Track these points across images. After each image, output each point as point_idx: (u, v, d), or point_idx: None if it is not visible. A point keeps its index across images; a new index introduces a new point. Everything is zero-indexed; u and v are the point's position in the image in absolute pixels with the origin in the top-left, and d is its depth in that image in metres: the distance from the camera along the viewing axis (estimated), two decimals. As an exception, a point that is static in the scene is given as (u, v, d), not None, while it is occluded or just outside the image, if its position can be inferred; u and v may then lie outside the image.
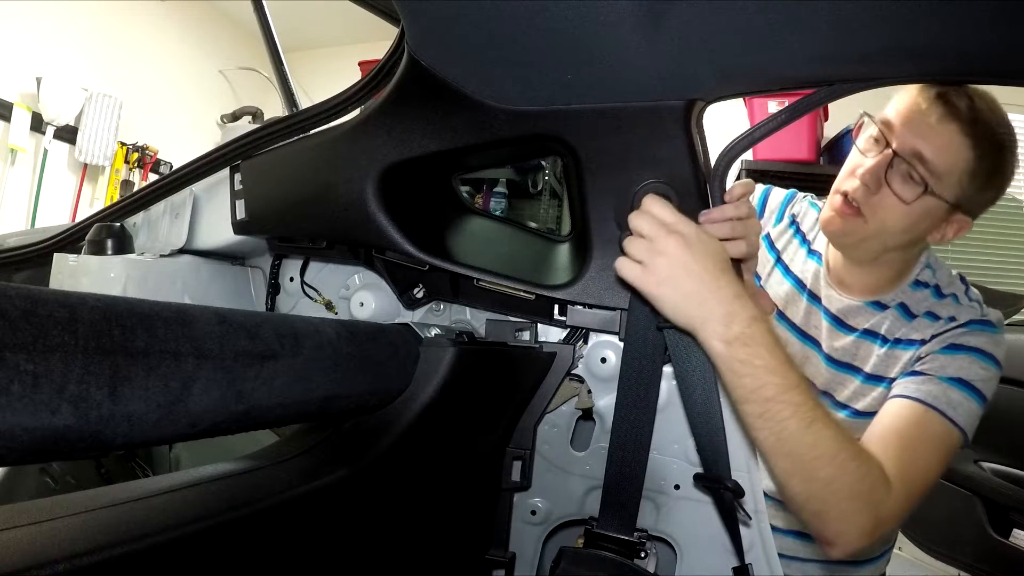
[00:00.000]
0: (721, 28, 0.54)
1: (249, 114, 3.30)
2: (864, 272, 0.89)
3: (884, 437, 0.71)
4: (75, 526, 0.34)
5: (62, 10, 2.97)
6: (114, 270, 0.82)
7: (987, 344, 0.78)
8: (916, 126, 0.77)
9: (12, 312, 0.28)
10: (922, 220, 0.80)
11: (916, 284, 0.87)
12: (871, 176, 0.79)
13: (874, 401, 0.85)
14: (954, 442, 0.73)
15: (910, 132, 0.77)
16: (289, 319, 0.48)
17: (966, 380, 0.75)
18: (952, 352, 0.78)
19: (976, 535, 1.47)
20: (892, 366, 0.84)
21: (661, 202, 0.61)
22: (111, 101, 3.14)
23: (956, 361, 0.77)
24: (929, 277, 0.87)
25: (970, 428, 0.74)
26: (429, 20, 0.61)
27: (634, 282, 0.60)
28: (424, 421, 0.58)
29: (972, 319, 0.81)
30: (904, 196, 0.78)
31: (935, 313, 0.83)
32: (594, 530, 0.67)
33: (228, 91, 3.94)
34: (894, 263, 0.87)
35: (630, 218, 0.62)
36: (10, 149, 2.82)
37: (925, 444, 0.71)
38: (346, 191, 0.71)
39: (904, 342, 0.84)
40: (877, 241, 0.83)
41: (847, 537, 0.62)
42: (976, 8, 0.48)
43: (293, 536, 0.47)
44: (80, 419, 0.30)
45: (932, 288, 0.86)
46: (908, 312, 0.86)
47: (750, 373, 0.57)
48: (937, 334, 0.81)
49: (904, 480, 0.66)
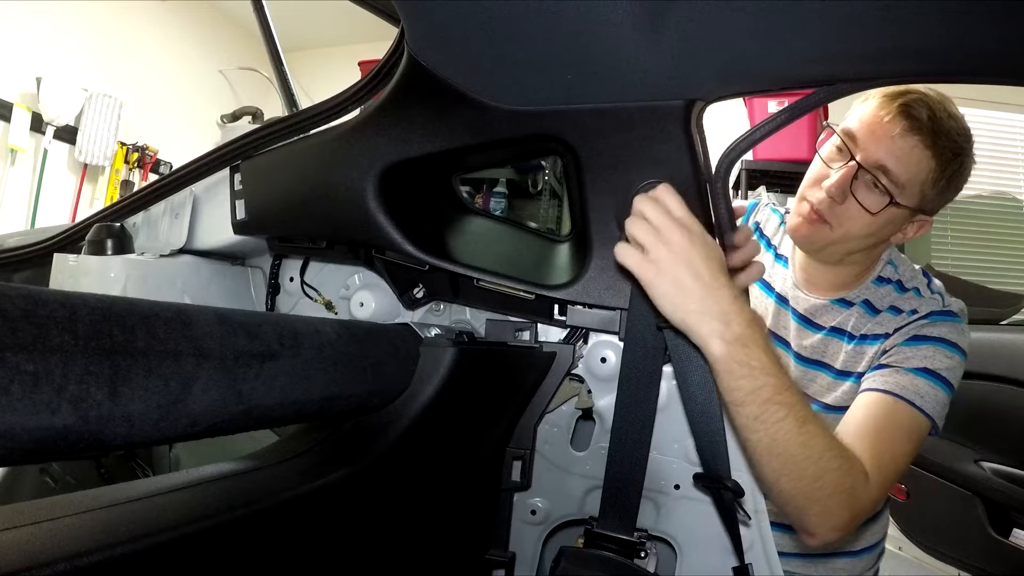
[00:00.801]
0: (721, 28, 0.54)
1: (249, 114, 3.31)
2: (829, 272, 0.92)
3: (857, 430, 0.74)
4: (75, 526, 0.34)
5: (62, 10, 2.98)
6: (114, 270, 0.82)
7: (950, 333, 0.81)
8: (880, 139, 0.80)
9: (12, 312, 0.28)
10: (886, 225, 0.84)
11: (879, 280, 0.91)
12: (837, 189, 0.82)
13: (844, 395, 0.88)
14: (923, 430, 0.76)
15: (874, 144, 0.80)
16: (289, 319, 0.48)
17: (931, 370, 0.78)
18: (916, 343, 0.81)
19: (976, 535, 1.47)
20: (860, 361, 0.87)
21: (674, 194, 0.61)
22: (111, 101, 3.14)
23: (921, 351, 0.80)
24: (891, 273, 0.91)
25: (939, 416, 0.77)
26: (429, 20, 0.61)
27: (633, 268, 0.59)
28: (424, 421, 0.58)
29: (934, 310, 0.84)
30: (869, 207, 0.81)
31: (898, 307, 0.87)
32: (594, 530, 0.67)
33: (228, 91, 3.94)
34: (858, 262, 0.91)
35: (636, 200, 0.61)
36: (10, 149, 2.83)
37: (897, 434, 0.74)
38: (346, 191, 0.71)
39: (870, 337, 0.87)
40: (842, 246, 0.86)
41: (826, 528, 0.64)
42: (976, 8, 0.48)
43: (293, 536, 0.47)
44: (80, 419, 0.30)
45: (895, 283, 0.90)
46: (872, 308, 0.89)
47: (748, 375, 0.57)
48: (900, 327, 0.84)
49: (879, 471, 0.69)
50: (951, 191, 0.84)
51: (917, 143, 0.78)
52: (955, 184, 0.83)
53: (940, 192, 0.82)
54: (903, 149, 0.79)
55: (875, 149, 0.80)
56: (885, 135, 0.79)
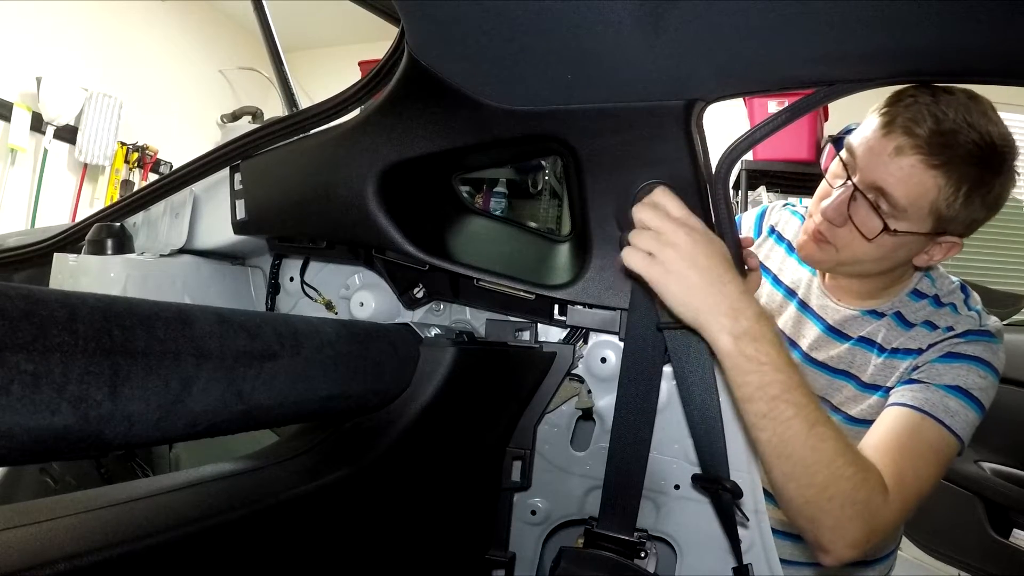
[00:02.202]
0: (721, 28, 0.54)
1: (249, 114, 3.31)
2: (855, 283, 0.89)
3: (881, 445, 0.70)
4: (75, 526, 0.34)
5: (62, 10, 2.98)
6: (114, 270, 0.82)
7: (985, 353, 0.77)
8: (874, 159, 0.73)
9: (12, 312, 0.28)
10: (896, 250, 0.77)
11: (914, 294, 0.86)
12: (834, 212, 0.76)
13: (869, 408, 0.85)
14: (951, 450, 0.72)
15: (870, 164, 0.73)
16: (289, 319, 0.48)
17: (964, 388, 0.74)
18: (950, 361, 0.77)
19: (976, 535, 1.47)
20: (890, 375, 0.84)
21: (671, 195, 0.61)
22: (111, 101, 3.14)
23: (954, 370, 0.76)
24: (928, 287, 0.86)
25: (967, 437, 0.74)
26: (429, 20, 0.61)
27: (641, 270, 0.59)
28: (424, 421, 0.58)
29: (970, 329, 0.79)
30: (867, 232, 0.75)
31: (933, 323, 0.82)
32: (594, 530, 0.67)
33: (228, 91, 3.94)
34: (883, 279, 0.86)
35: (635, 210, 0.61)
36: (10, 149, 2.83)
37: (922, 452, 0.70)
38: (346, 191, 0.71)
39: (901, 351, 0.83)
40: (853, 267, 0.82)
41: (840, 545, 0.61)
42: (976, 8, 0.48)
43: (293, 536, 0.47)
44: (80, 419, 0.30)
45: (931, 298, 0.85)
46: (904, 321, 0.85)
47: (756, 370, 0.56)
48: (934, 343, 0.80)
49: (901, 487, 0.65)
50: (979, 209, 0.73)
51: (917, 162, 0.70)
52: (982, 201, 0.73)
53: (962, 210, 0.72)
54: (902, 169, 0.71)
55: (872, 169, 0.73)
56: (882, 153, 0.72)
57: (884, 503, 0.62)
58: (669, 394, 0.68)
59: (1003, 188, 0.74)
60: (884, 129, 0.72)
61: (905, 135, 0.70)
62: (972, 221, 0.76)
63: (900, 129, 0.71)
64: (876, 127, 0.73)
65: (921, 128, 0.69)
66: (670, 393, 0.68)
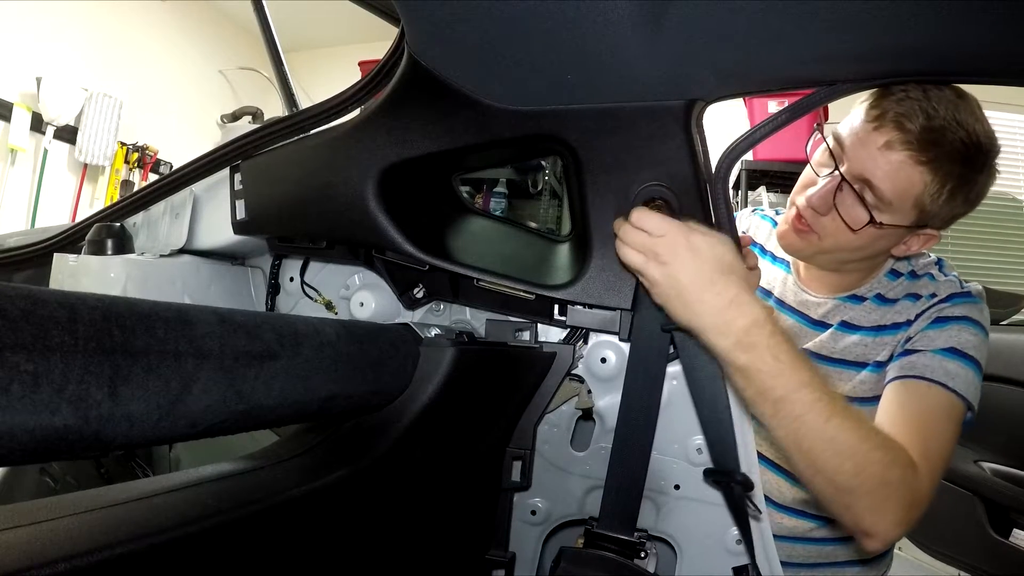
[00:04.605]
0: (721, 28, 0.54)
1: (249, 114, 3.31)
2: (832, 275, 0.89)
3: (895, 420, 0.71)
4: (75, 526, 0.34)
5: (62, 10, 2.98)
6: (114, 270, 0.82)
7: (972, 312, 0.79)
8: (863, 151, 0.73)
9: (12, 312, 0.28)
10: (877, 240, 0.78)
11: (891, 274, 0.87)
12: (819, 201, 0.77)
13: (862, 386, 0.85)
14: (960, 412, 0.73)
15: (859, 156, 0.74)
16: (289, 319, 0.48)
17: (958, 349, 0.75)
18: (940, 325, 0.78)
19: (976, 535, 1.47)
20: (879, 351, 0.84)
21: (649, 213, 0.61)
22: (111, 101, 3.14)
23: (945, 332, 0.77)
24: (903, 266, 0.87)
25: (973, 398, 0.74)
26: (429, 20, 0.61)
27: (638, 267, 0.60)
28: (424, 421, 0.58)
29: (953, 292, 0.81)
30: (852, 223, 0.75)
31: (916, 293, 0.83)
32: (594, 530, 0.67)
33: (228, 91, 3.94)
34: (859, 269, 0.86)
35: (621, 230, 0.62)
36: (10, 149, 2.83)
37: (936, 419, 0.71)
38: (346, 191, 0.71)
39: (890, 327, 0.84)
40: (834, 256, 0.82)
41: (883, 526, 0.61)
42: (976, 8, 0.48)
43: (293, 536, 0.47)
44: (80, 419, 0.30)
45: (907, 274, 0.86)
46: (886, 300, 0.86)
47: (753, 377, 0.57)
48: (921, 312, 0.81)
49: (927, 459, 0.65)
50: (961, 205, 0.75)
51: (906, 158, 0.71)
52: (964, 197, 0.75)
53: (945, 206, 0.74)
54: (891, 163, 0.71)
55: (860, 161, 0.73)
56: (872, 146, 0.72)
57: (916, 477, 0.63)
58: (670, 394, 0.68)
59: (984, 185, 0.76)
60: (875, 122, 0.72)
61: (896, 130, 0.71)
62: (953, 216, 0.77)
63: (891, 124, 0.71)
64: (866, 119, 0.74)
65: (912, 124, 0.70)
66: (671, 393, 0.68)
